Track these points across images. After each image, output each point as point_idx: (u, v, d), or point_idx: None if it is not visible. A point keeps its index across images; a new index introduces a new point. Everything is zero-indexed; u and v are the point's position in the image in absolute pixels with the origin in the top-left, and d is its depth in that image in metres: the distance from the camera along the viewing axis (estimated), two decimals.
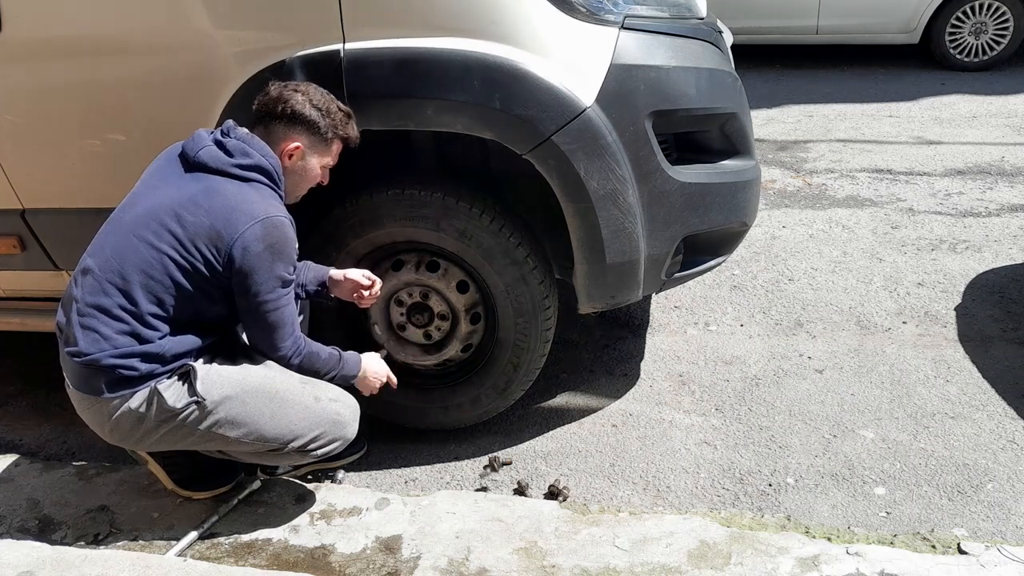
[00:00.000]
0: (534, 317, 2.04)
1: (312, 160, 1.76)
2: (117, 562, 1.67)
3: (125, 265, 1.61)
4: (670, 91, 1.86)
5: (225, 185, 1.64)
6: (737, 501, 2.01)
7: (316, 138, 1.73)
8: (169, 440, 1.70)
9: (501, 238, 1.95)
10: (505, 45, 1.74)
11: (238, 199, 1.62)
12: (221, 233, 1.59)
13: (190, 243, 1.60)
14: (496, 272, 1.98)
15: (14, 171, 2.07)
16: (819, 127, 4.88)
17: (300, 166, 1.75)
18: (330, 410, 1.81)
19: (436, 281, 2.06)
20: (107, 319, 1.60)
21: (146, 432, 1.66)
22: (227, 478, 1.99)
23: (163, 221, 1.61)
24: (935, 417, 2.27)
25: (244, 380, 1.71)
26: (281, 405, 1.74)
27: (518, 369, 2.12)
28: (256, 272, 1.62)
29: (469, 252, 1.97)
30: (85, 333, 1.60)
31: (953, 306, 2.82)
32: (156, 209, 1.62)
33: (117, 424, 1.64)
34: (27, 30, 1.88)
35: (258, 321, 1.68)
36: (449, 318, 2.11)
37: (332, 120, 1.72)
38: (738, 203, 2.08)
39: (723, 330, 2.78)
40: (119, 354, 1.59)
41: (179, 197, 1.63)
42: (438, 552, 1.74)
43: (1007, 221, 3.45)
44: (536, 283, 2.00)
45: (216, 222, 1.60)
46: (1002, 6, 5.69)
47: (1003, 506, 1.93)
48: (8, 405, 2.64)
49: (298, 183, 1.78)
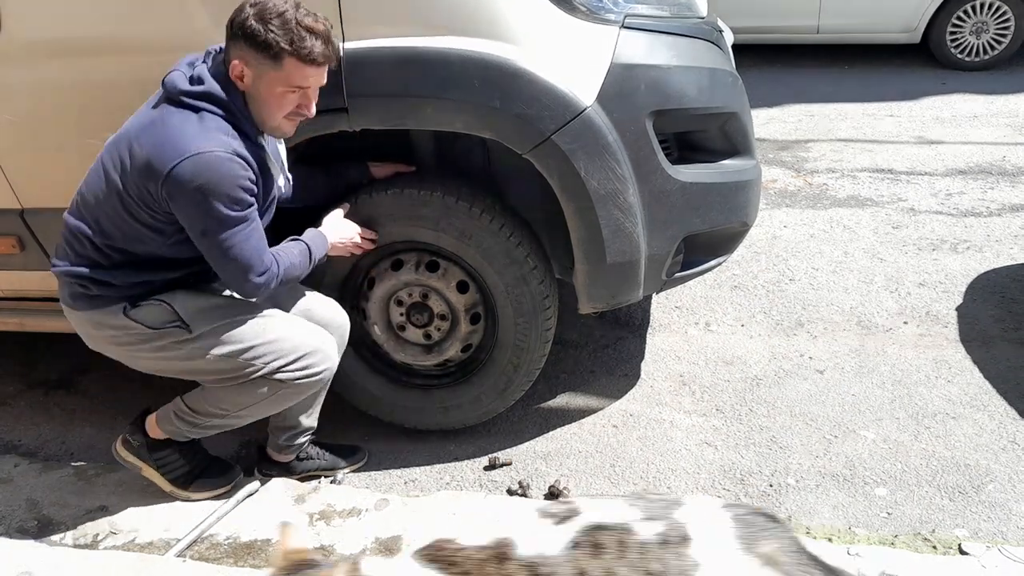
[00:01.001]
0: (534, 317, 2.04)
1: (265, 81, 1.55)
2: (116, 562, 1.67)
3: (90, 190, 1.62)
4: (671, 90, 1.85)
5: (172, 116, 1.54)
6: (738, 501, 2.01)
7: (260, 54, 1.51)
8: (145, 360, 1.74)
9: (501, 238, 1.94)
10: (505, 44, 1.74)
11: (175, 132, 1.52)
12: (153, 169, 1.51)
13: (132, 179, 1.55)
14: (496, 272, 1.98)
15: (13, 171, 2.07)
16: (820, 127, 4.87)
17: (254, 89, 1.57)
18: (309, 333, 1.80)
19: (436, 281, 2.05)
20: (71, 238, 1.65)
21: (124, 346, 1.71)
22: (225, 478, 1.99)
23: (120, 151, 1.58)
24: (936, 417, 2.26)
25: (225, 302, 1.74)
26: (264, 320, 1.74)
27: (518, 369, 2.12)
28: (195, 215, 1.54)
29: (469, 252, 1.97)
30: (59, 246, 1.67)
31: (954, 306, 2.82)
32: (121, 137, 1.60)
33: (93, 335, 1.72)
34: (27, 30, 1.88)
35: (216, 261, 1.62)
36: (449, 318, 2.11)
37: (279, 33, 1.48)
38: (739, 203, 2.08)
39: (724, 330, 2.78)
40: (77, 274, 1.64)
41: (138, 125, 1.58)
42: None
43: (1008, 221, 3.45)
44: (536, 283, 2.00)
45: (151, 157, 1.51)
46: (1003, 5, 5.68)
47: (1004, 507, 1.93)
48: (7, 405, 2.64)
49: (261, 109, 1.60)
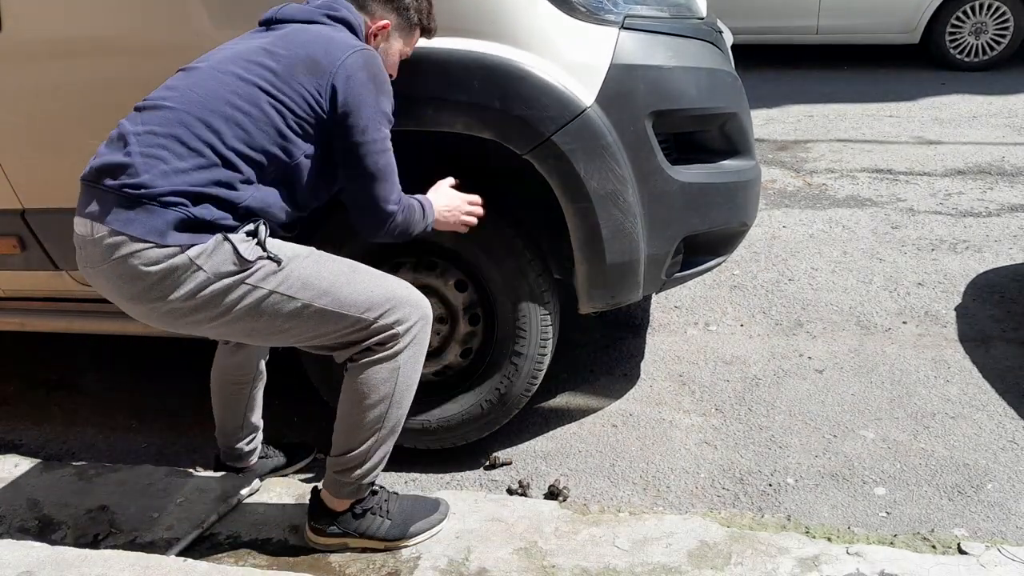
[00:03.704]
0: (532, 311, 2.03)
1: (395, 44, 1.71)
2: (117, 562, 1.67)
3: (209, 97, 1.43)
4: (670, 91, 1.85)
5: (314, 26, 1.57)
6: (737, 501, 2.01)
7: (403, 21, 1.69)
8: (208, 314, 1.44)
9: (499, 227, 1.94)
10: (505, 45, 1.74)
11: (331, 33, 1.56)
12: (320, 61, 1.49)
13: (286, 73, 1.47)
14: (494, 263, 1.97)
15: (14, 171, 2.07)
16: (819, 127, 4.88)
17: (383, 48, 1.69)
18: (400, 284, 1.64)
19: (434, 280, 2.05)
20: (183, 150, 1.39)
21: (190, 296, 1.40)
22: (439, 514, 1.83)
23: (252, 58, 1.49)
24: (935, 417, 2.27)
25: (309, 248, 1.58)
26: (353, 269, 1.58)
27: (519, 371, 2.08)
28: (363, 104, 1.51)
29: (466, 245, 1.96)
30: (151, 163, 1.37)
31: (953, 306, 2.82)
32: (241, 53, 1.51)
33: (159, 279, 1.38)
34: (27, 30, 1.88)
35: (365, 170, 1.54)
36: (447, 320, 2.10)
37: (419, 6, 1.69)
38: (738, 203, 2.08)
39: (723, 330, 2.78)
40: (193, 192, 1.38)
41: (266, 41, 1.53)
42: (438, 552, 1.74)
43: (1007, 221, 3.45)
44: (534, 275, 1.99)
45: (314, 51, 1.50)
46: (1002, 6, 5.69)
47: (1003, 506, 1.93)
48: (7, 405, 2.64)
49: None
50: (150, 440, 2.42)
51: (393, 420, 1.66)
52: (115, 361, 2.80)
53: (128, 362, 2.79)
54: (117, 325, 2.25)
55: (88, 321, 2.30)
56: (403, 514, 1.77)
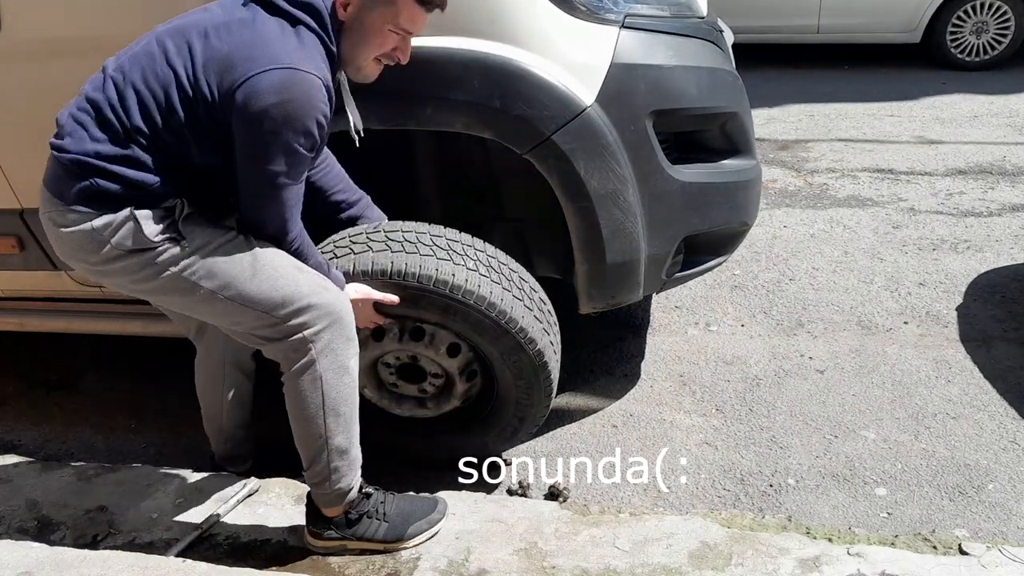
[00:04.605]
0: (535, 378, 1.90)
1: (373, 15, 1.45)
2: (116, 563, 1.66)
3: (134, 68, 1.40)
4: (671, 90, 1.85)
5: (268, 21, 1.39)
6: (738, 502, 2.01)
7: None
8: (124, 281, 1.48)
9: (488, 314, 1.76)
10: (505, 44, 1.74)
11: (273, 37, 1.37)
12: (234, 66, 1.34)
13: (200, 67, 1.36)
14: (489, 342, 1.82)
15: (13, 171, 2.07)
16: (820, 126, 4.87)
17: (356, 21, 1.46)
18: (318, 283, 1.55)
19: (423, 349, 1.89)
20: (100, 118, 1.40)
21: (102, 263, 1.44)
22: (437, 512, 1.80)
23: (188, 35, 1.39)
24: (936, 417, 2.26)
25: (227, 234, 1.50)
26: (265, 265, 1.50)
27: (523, 421, 2.02)
28: (256, 130, 1.35)
29: (455, 324, 1.80)
30: (75, 128, 1.40)
31: (954, 306, 2.81)
32: (191, 24, 1.42)
33: (71, 240, 1.43)
34: (27, 29, 1.88)
35: (251, 193, 1.44)
36: (443, 376, 1.99)
37: None
38: (739, 203, 2.08)
39: (724, 330, 2.77)
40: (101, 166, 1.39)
41: (218, 19, 1.41)
42: (437, 553, 1.74)
43: (1008, 221, 3.45)
44: (533, 349, 1.84)
45: (235, 52, 1.35)
46: (1003, 5, 5.68)
47: (1004, 507, 1.93)
48: (7, 405, 2.63)
49: (356, 44, 1.48)
50: (149, 440, 2.42)
51: (339, 430, 1.61)
52: (115, 361, 2.80)
53: (128, 362, 2.78)
54: (116, 325, 2.25)
55: (87, 321, 2.29)
56: (401, 515, 1.75)
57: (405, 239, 1.74)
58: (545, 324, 1.89)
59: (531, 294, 1.86)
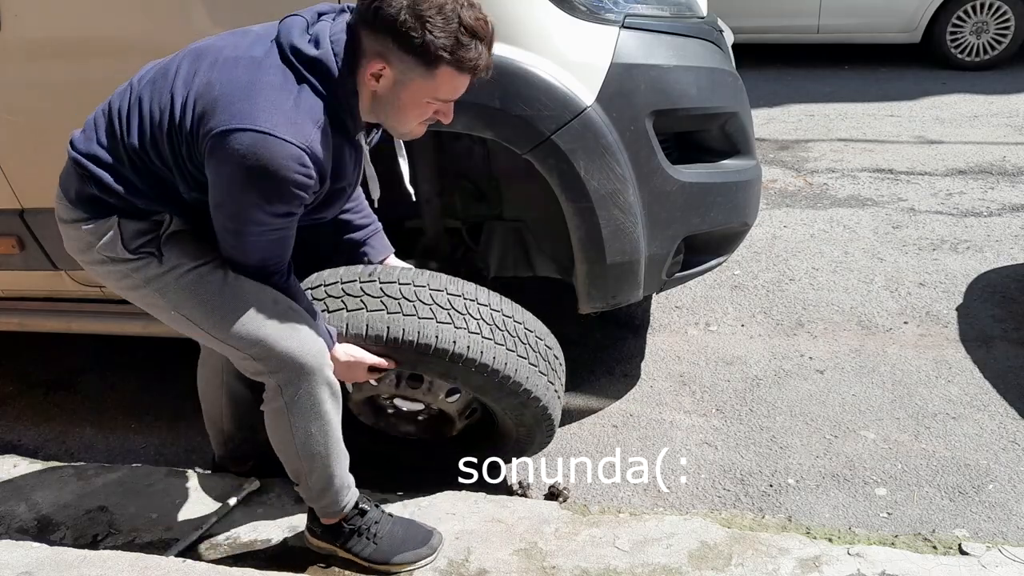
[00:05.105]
0: (537, 427, 1.86)
1: (410, 89, 1.31)
2: (116, 563, 1.66)
3: (147, 85, 1.38)
4: (671, 90, 1.85)
5: (270, 72, 1.29)
6: (738, 502, 2.01)
7: (410, 57, 1.26)
8: (111, 284, 1.49)
9: (490, 378, 1.67)
10: (505, 44, 1.73)
11: (266, 92, 1.27)
12: (215, 112, 1.26)
13: (192, 101, 1.30)
14: (492, 400, 1.75)
15: (13, 171, 2.06)
16: (820, 126, 4.87)
17: (391, 94, 1.33)
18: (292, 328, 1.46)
19: (421, 395, 1.84)
20: (109, 130, 1.40)
21: (90, 264, 1.47)
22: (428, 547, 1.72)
23: (202, 63, 1.34)
24: (936, 417, 2.26)
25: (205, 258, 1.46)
26: (235, 298, 1.44)
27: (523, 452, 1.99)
28: (221, 188, 1.31)
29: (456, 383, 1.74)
30: (89, 130, 1.42)
31: (954, 306, 2.81)
32: (212, 49, 1.36)
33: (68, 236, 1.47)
34: (27, 29, 1.88)
35: (227, 239, 1.41)
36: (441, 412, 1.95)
37: (440, 34, 1.23)
38: (739, 203, 2.08)
39: (724, 330, 2.77)
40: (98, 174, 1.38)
41: (233, 51, 1.34)
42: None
43: (1008, 221, 3.45)
44: (536, 405, 1.77)
45: (223, 97, 1.27)
46: (1003, 5, 5.68)
47: (1004, 507, 1.93)
48: (7, 405, 2.63)
49: (394, 115, 1.38)
50: (149, 440, 2.42)
51: (316, 467, 1.58)
52: (115, 361, 2.80)
53: (128, 362, 2.78)
54: (116, 325, 2.25)
55: (87, 321, 2.29)
56: (391, 541, 1.69)
57: (402, 295, 1.61)
58: (550, 376, 1.80)
59: (536, 345, 1.76)
